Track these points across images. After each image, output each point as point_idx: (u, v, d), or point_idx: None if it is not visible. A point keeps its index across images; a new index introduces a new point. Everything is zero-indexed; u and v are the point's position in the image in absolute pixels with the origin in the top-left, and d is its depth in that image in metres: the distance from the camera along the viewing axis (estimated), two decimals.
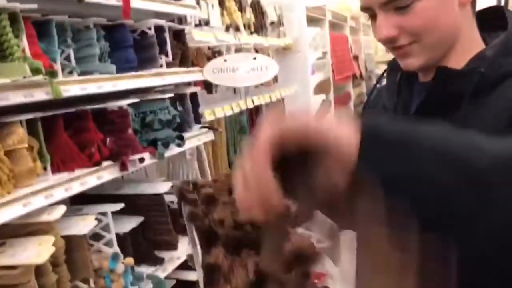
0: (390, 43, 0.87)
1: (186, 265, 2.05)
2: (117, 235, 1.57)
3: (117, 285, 1.46)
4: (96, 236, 1.51)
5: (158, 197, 1.74)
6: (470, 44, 0.89)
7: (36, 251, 1.20)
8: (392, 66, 1.02)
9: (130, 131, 1.58)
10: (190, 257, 0.91)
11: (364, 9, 0.90)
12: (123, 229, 1.61)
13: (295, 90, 3.27)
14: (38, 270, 1.24)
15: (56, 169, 1.40)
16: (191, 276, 1.94)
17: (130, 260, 1.49)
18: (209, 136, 2.09)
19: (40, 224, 1.27)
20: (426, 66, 0.91)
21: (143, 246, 1.72)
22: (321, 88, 5.36)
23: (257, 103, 2.71)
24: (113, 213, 1.56)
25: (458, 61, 0.88)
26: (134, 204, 1.74)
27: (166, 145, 1.71)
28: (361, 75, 8.78)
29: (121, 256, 1.48)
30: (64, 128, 1.45)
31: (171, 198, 1.91)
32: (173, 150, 1.80)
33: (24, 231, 1.28)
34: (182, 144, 1.79)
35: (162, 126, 1.71)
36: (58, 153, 1.41)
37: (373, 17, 0.88)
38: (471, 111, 0.86)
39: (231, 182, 0.86)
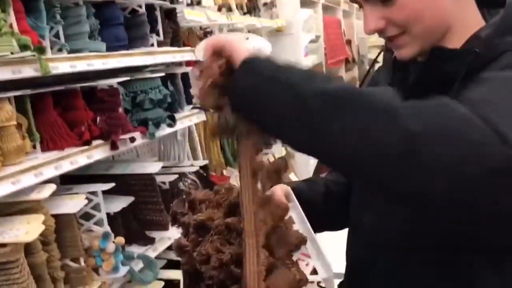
0: (380, 34, 0.88)
1: None
2: (108, 214, 1.56)
3: (107, 264, 1.46)
4: (86, 216, 1.50)
5: (149, 176, 1.73)
6: (468, 24, 0.88)
7: (25, 230, 1.19)
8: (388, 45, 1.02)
9: (120, 110, 1.57)
10: None
11: (351, 1, 0.90)
12: (113, 208, 1.60)
13: None
14: (28, 248, 1.23)
15: (45, 148, 1.39)
16: None
17: (121, 240, 1.49)
18: (201, 117, 2.07)
19: (30, 202, 1.26)
20: (420, 54, 0.91)
21: (133, 226, 1.72)
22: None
23: None
24: (104, 193, 1.55)
25: (456, 42, 0.88)
26: (124, 184, 1.73)
27: (157, 125, 1.70)
28: (353, 60, 8.76)
29: (112, 235, 1.47)
30: (53, 106, 1.44)
31: (163, 179, 1.90)
32: (164, 130, 1.78)
33: (13, 210, 1.27)
34: (174, 124, 1.78)
35: (153, 106, 1.69)
36: (48, 131, 1.39)
37: (362, 7, 0.89)
38: (465, 89, 0.86)
39: (232, 196, 0.86)
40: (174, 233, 1.82)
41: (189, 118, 1.99)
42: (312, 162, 3.61)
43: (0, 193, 1.15)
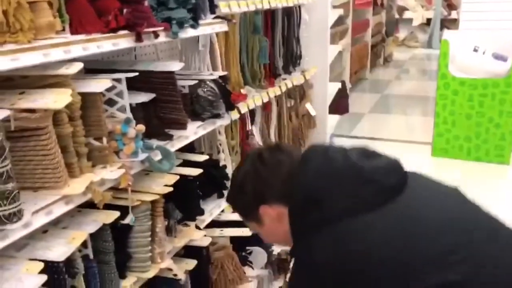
0: None
1: (193, 148, 2.15)
2: (130, 106, 1.64)
3: (128, 148, 1.55)
4: (110, 102, 1.58)
5: (170, 75, 1.79)
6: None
7: (54, 99, 1.27)
8: None
9: (146, 4, 1.61)
10: None
11: None
12: (135, 100, 1.68)
13: None
14: (55, 119, 1.32)
15: (74, 31, 1.45)
16: (197, 157, 2.04)
17: (141, 127, 1.57)
18: (223, 27, 2.10)
19: (58, 77, 1.34)
20: None
21: (153, 121, 1.80)
22: (339, 7, 5.27)
23: (273, 5, 2.70)
24: (127, 89, 1.62)
25: None
26: (146, 82, 1.80)
27: (180, 25, 1.74)
28: (382, 4, 8.55)
29: (133, 121, 1.55)
30: None
31: (182, 83, 1.97)
32: (187, 33, 1.83)
33: (43, 83, 1.35)
34: (196, 26, 1.82)
35: (178, 5, 1.73)
36: (77, 15, 1.45)
37: None
38: None
39: None
40: (191, 133, 1.91)
41: (212, 26, 2.02)
42: (330, 92, 3.64)
43: (32, 62, 1.22)
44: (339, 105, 5.02)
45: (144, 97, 1.73)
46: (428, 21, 10.69)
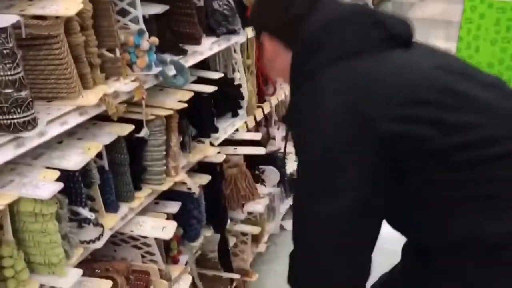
0: None
1: (208, 67, 2.11)
2: (143, 17, 1.59)
3: (142, 61, 1.52)
4: (122, 12, 1.53)
5: None
6: None
7: (65, 5, 1.23)
8: None
9: None
10: None
11: None
12: (148, 12, 1.62)
13: None
14: (67, 27, 1.29)
15: None
16: (212, 75, 2.01)
17: (155, 39, 1.53)
18: None
19: None
20: None
21: (167, 35, 1.75)
22: None
23: None
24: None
25: None
26: None
27: None
28: None
29: (146, 33, 1.51)
30: None
31: None
32: None
33: None
34: None
35: None
36: None
37: None
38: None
39: None
40: (206, 48, 1.86)
41: None
42: None
43: None
44: None
45: (157, 9, 1.67)
46: None
